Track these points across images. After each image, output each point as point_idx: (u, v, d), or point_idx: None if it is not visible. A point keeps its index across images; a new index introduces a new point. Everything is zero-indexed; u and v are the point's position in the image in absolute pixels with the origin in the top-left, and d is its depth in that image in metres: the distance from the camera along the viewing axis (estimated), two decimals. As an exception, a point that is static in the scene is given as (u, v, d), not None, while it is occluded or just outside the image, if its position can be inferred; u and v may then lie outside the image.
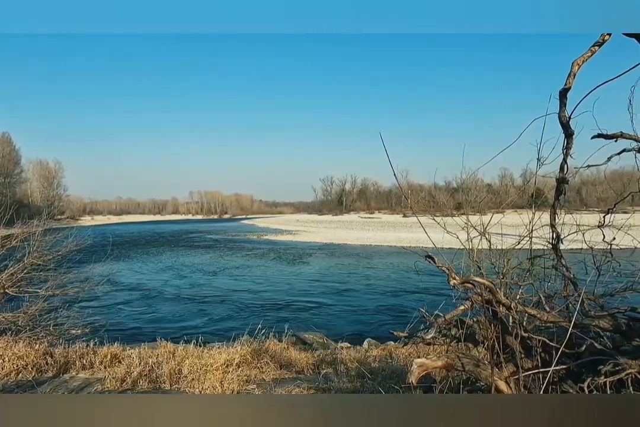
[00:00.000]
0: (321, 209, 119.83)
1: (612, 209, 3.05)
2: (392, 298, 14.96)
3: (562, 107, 2.73)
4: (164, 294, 16.25)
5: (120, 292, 16.20)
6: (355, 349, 7.20)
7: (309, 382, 4.73)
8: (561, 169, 2.87)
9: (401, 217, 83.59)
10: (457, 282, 2.43)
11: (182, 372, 4.89)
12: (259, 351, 5.84)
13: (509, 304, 2.53)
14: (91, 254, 9.31)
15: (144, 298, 15.44)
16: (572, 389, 2.32)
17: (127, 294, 16.13)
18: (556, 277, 3.14)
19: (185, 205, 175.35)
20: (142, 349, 5.81)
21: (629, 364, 2.21)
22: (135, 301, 15.04)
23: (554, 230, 3.01)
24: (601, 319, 2.56)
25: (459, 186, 69.31)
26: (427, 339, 2.58)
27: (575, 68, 2.65)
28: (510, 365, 2.50)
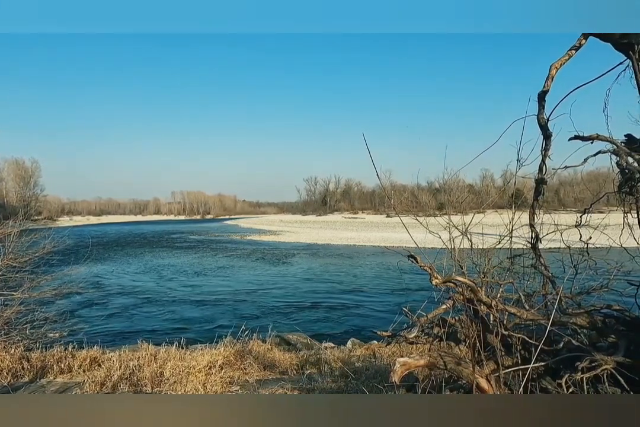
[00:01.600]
0: (305, 210, 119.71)
1: (589, 209, 3.14)
2: (400, 296, 14.93)
3: (540, 110, 2.79)
4: (171, 297, 15.86)
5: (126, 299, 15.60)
6: (339, 349, 7.21)
7: (293, 383, 4.72)
8: (540, 170, 2.93)
9: (385, 217, 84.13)
10: (439, 281, 2.45)
11: (163, 375, 4.82)
12: (242, 352, 5.80)
13: (489, 303, 2.57)
14: (70, 256, 9.09)
15: (154, 303, 14.91)
16: (550, 386, 2.36)
17: (132, 299, 15.49)
18: (535, 275, 3.20)
19: (167, 205, 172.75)
20: (123, 352, 5.71)
21: (605, 360, 2.27)
22: (142, 304, 14.60)
23: (533, 230, 3.07)
24: (578, 316, 2.62)
25: (441, 187, 70.11)
26: (410, 338, 2.60)
27: (553, 71, 2.71)
28: (491, 363, 2.53)
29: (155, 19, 2.34)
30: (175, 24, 2.35)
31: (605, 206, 3.84)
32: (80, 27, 2.33)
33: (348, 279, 19.10)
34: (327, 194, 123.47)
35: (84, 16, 2.31)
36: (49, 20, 2.29)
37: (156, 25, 2.35)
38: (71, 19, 2.31)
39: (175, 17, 2.34)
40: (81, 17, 2.31)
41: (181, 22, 2.36)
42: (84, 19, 2.31)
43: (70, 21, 2.31)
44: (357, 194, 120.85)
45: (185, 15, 2.34)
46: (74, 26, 2.32)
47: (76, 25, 2.32)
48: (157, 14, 2.32)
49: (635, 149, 2.73)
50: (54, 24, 2.29)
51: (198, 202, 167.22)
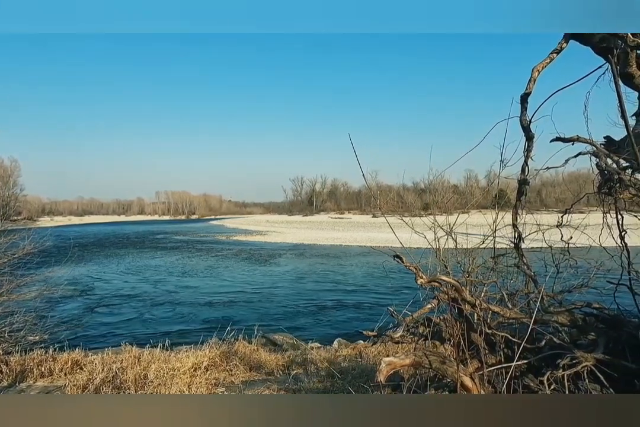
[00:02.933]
0: (291, 210, 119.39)
1: (569, 209, 3.20)
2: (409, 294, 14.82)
3: (523, 111, 2.84)
4: (175, 299, 15.54)
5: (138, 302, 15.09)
6: (325, 349, 7.21)
7: (279, 384, 4.70)
8: (522, 170, 2.99)
9: (371, 217, 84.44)
10: (424, 281, 2.47)
11: (147, 377, 4.75)
12: (228, 353, 5.76)
13: (473, 302, 2.60)
14: (51, 257, 8.90)
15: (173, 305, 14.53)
16: (532, 383, 2.41)
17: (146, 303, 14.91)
18: (518, 275, 3.26)
19: (151, 205, 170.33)
20: (106, 355, 5.61)
21: (585, 357, 2.31)
22: (152, 307, 14.23)
23: (516, 229, 3.12)
24: (559, 314, 2.67)
25: (427, 187, 70.85)
26: (395, 338, 2.61)
27: (535, 74, 2.76)
28: (475, 361, 2.56)
29: (139, 18, 2.30)
30: (160, 23, 2.33)
31: (586, 206, 3.92)
32: (66, 27, 2.28)
33: (348, 279, 19.09)
34: (313, 194, 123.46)
35: (70, 15, 2.27)
36: (31, 20, 2.24)
37: (141, 24, 2.32)
38: (57, 18, 2.26)
39: (154, 15, 2.31)
40: (68, 16, 2.26)
41: (166, 22, 2.34)
42: (70, 18, 2.27)
43: (56, 20, 2.26)
44: (344, 194, 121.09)
45: (165, 14, 2.31)
46: (58, 26, 2.27)
47: (61, 25, 2.27)
48: (137, 12, 2.29)
49: (614, 150, 2.80)
50: (36, 24, 2.24)
51: (183, 202, 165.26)
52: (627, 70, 2.69)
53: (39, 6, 2.24)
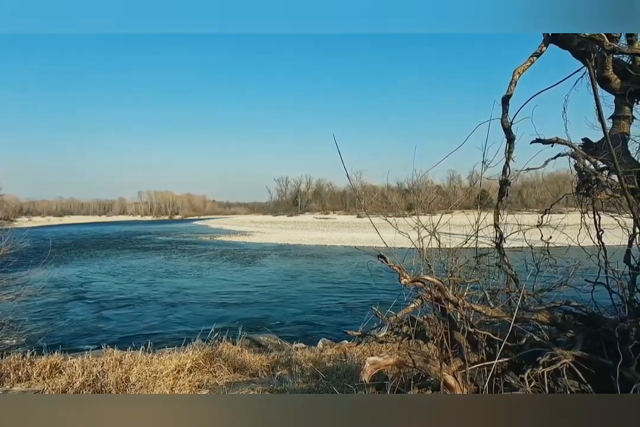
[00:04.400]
0: (276, 210, 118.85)
1: (549, 209, 3.27)
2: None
3: (504, 113, 2.89)
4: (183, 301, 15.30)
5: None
6: (310, 350, 7.21)
7: (264, 385, 4.68)
8: (504, 171, 3.03)
9: (355, 217, 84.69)
10: (407, 280, 2.49)
11: (129, 380, 4.67)
12: (211, 355, 5.70)
13: (456, 301, 2.63)
14: (28, 258, 8.66)
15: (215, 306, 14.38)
16: (513, 380, 2.44)
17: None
18: (500, 274, 3.31)
19: (133, 206, 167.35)
20: (86, 358, 5.49)
21: (564, 354, 2.36)
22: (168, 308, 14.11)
23: (498, 229, 3.17)
24: (539, 313, 2.72)
25: (411, 188, 71.45)
26: (379, 338, 2.63)
27: (516, 76, 2.81)
28: (458, 360, 2.59)
29: (118, 18, 2.26)
30: (147, 22, 2.29)
31: (565, 207, 4.01)
32: (45, 27, 2.23)
33: (348, 279, 19.10)
34: (298, 195, 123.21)
35: (45, 15, 2.21)
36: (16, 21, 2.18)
37: (129, 24, 2.28)
38: (35, 18, 2.20)
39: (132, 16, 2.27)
40: (50, 15, 2.21)
41: (152, 21, 2.30)
42: (50, 17, 2.21)
43: (34, 20, 2.21)
44: (328, 195, 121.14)
45: (144, 15, 2.28)
46: (35, 27, 2.22)
47: (37, 26, 2.22)
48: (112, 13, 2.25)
49: (592, 152, 2.87)
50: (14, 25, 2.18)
51: (166, 202, 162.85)
52: (604, 74, 2.76)
53: (20, 6, 2.18)
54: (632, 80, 2.73)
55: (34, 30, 2.22)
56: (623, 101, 2.97)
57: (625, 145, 2.95)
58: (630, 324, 2.44)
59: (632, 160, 2.90)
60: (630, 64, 2.83)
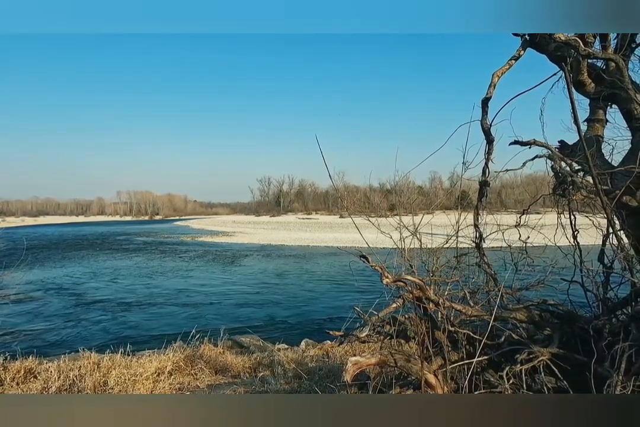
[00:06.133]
0: (258, 210, 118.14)
1: (527, 210, 3.34)
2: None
3: (484, 115, 2.94)
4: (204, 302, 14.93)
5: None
6: (292, 350, 7.18)
7: (246, 386, 4.64)
8: (483, 172, 3.09)
9: (338, 217, 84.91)
10: (389, 280, 2.51)
11: (107, 384, 4.57)
12: (192, 357, 5.63)
13: (437, 301, 2.66)
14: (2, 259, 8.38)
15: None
16: (492, 378, 2.49)
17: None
18: (479, 273, 3.36)
19: (112, 206, 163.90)
20: (62, 362, 5.34)
21: (541, 351, 2.42)
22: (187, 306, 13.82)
23: (477, 230, 3.22)
24: (518, 311, 2.77)
25: (393, 188, 71.95)
26: (361, 337, 2.64)
27: (495, 79, 2.86)
28: (439, 358, 2.62)
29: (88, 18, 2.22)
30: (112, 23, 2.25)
31: (542, 207, 4.10)
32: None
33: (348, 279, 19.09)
34: (280, 195, 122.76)
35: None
36: None
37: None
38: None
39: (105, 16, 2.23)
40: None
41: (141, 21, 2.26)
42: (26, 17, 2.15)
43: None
44: (311, 195, 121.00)
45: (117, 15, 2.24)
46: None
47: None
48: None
49: (568, 154, 2.94)
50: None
51: (146, 202, 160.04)
52: (579, 78, 2.83)
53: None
54: (605, 85, 2.81)
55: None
56: (597, 105, 3.06)
57: (600, 148, 3.04)
58: (604, 322, 2.51)
59: (605, 162, 2.99)
60: (604, 69, 2.92)
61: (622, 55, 2.78)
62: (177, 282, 18.93)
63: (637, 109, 2.60)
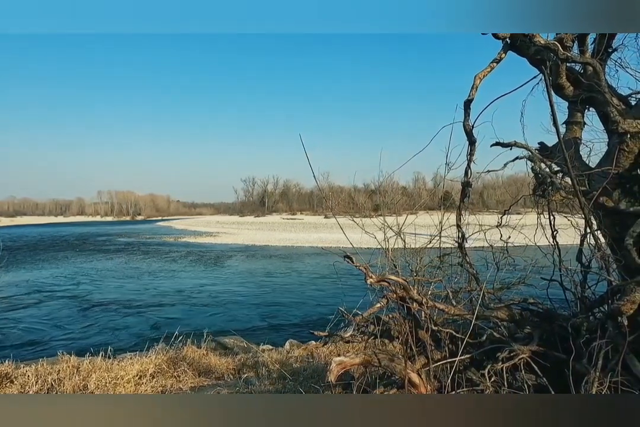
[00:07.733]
0: (243, 211, 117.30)
1: (508, 210, 3.40)
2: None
3: (466, 117, 2.98)
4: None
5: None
6: (277, 351, 7.15)
7: (230, 388, 4.60)
8: (465, 173, 3.13)
9: (323, 218, 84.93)
10: (373, 280, 2.52)
11: (87, 388, 4.48)
12: (175, 359, 5.55)
13: (420, 300, 2.68)
14: None
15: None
16: (475, 376, 2.52)
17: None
18: (462, 273, 3.40)
19: (92, 206, 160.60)
20: (40, 366, 5.20)
21: (522, 349, 2.46)
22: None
23: (460, 230, 3.26)
24: (499, 310, 2.82)
25: (377, 189, 72.43)
26: (346, 337, 2.64)
27: (477, 81, 2.90)
28: (422, 357, 2.65)
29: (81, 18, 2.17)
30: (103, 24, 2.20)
31: (523, 208, 4.18)
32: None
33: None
34: (265, 195, 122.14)
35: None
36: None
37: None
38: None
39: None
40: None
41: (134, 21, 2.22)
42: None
43: None
44: (296, 195, 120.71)
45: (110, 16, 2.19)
46: None
47: None
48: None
49: (547, 155, 3.00)
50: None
51: (128, 202, 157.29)
52: (558, 82, 2.89)
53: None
54: (583, 88, 2.88)
55: None
56: (575, 108, 3.13)
57: (578, 150, 3.11)
58: (582, 320, 2.57)
59: (583, 163, 3.06)
60: (582, 73, 2.99)
61: (599, 59, 2.86)
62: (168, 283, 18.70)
63: (613, 112, 2.66)
